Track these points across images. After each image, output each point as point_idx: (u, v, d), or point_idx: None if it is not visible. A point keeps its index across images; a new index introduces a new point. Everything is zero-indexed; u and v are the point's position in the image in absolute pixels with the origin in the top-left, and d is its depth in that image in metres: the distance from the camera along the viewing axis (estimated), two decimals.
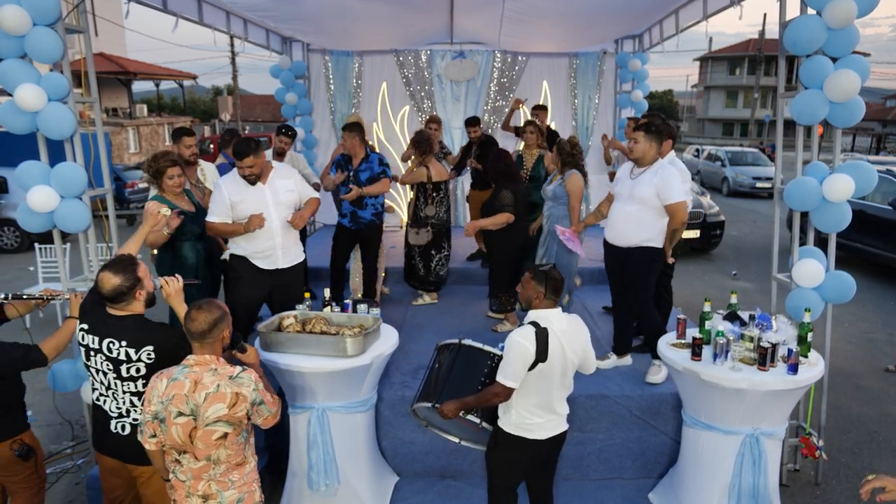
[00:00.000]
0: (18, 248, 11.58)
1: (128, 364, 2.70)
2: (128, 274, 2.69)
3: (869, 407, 5.31)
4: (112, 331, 2.70)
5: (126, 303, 2.72)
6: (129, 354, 2.69)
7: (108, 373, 2.74)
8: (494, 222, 4.92)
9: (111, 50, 29.12)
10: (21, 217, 3.83)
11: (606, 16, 6.62)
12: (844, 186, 3.57)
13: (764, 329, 3.47)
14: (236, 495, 2.57)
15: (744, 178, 18.46)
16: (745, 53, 47.04)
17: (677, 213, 3.99)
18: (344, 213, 5.42)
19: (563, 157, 5.04)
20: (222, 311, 2.58)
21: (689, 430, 3.62)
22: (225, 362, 2.57)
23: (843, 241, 9.32)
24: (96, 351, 2.73)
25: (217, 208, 4.00)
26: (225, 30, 6.50)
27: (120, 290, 2.67)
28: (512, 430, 2.92)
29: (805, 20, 3.56)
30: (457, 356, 3.23)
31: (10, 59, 3.61)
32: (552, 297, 2.87)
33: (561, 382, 2.89)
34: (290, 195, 4.15)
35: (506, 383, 2.80)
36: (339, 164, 5.40)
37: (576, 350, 2.90)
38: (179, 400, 2.43)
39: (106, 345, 2.70)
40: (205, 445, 2.46)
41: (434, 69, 8.61)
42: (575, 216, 5.05)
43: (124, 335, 2.69)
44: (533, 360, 2.75)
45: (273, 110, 37.18)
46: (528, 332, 2.78)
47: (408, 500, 3.90)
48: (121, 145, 26.19)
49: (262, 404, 2.56)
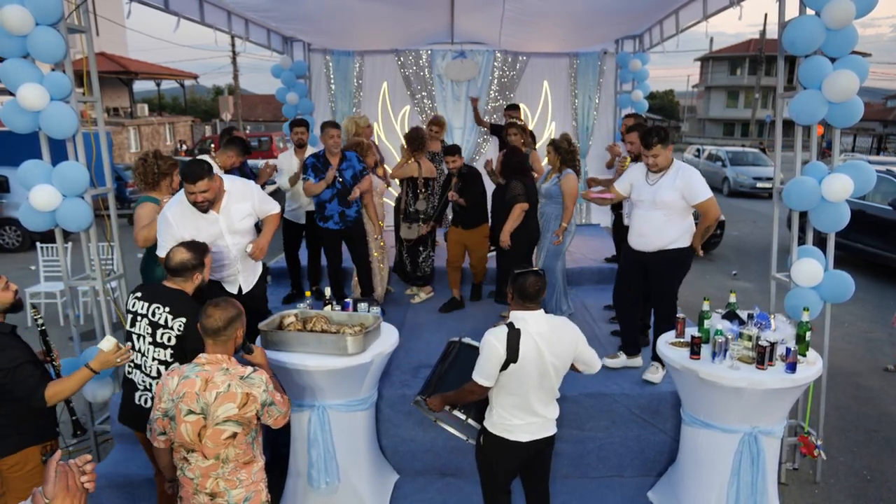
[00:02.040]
0: (20, 248, 11.60)
1: (163, 330, 3.01)
2: (197, 254, 3.07)
3: (868, 406, 5.32)
4: (161, 297, 3.04)
5: (184, 279, 3.06)
6: (167, 321, 3.00)
7: (146, 337, 3.05)
8: (515, 220, 4.99)
9: (112, 50, 29.13)
10: (23, 216, 3.85)
11: (607, 16, 6.64)
12: (843, 186, 3.58)
13: (762, 328, 3.48)
14: (243, 494, 2.58)
15: (744, 178, 18.46)
16: (745, 54, 47.01)
17: (710, 210, 3.97)
18: (329, 216, 5.19)
19: (563, 156, 5.06)
20: (238, 310, 2.60)
21: (688, 428, 3.63)
22: (236, 362, 2.58)
23: (843, 241, 9.33)
24: (142, 316, 3.05)
25: (166, 242, 3.54)
26: (226, 30, 6.51)
27: (185, 265, 3.02)
28: (493, 430, 2.95)
29: (804, 20, 3.57)
30: (457, 354, 3.28)
31: (12, 58, 3.64)
32: (520, 302, 2.85)
33: (540, 384, 2.86)
34: (247, 221, 3.80)
35: (479, 381, 2.84)
36: (315, 167, 5.11)
37: (557, 353, 2.86)
38: (190, 398, 2.44)
39: (152, 309, 3.03)
40: (214, 444, 2.47)
41: (434, 69, 8.62)
42: (567, 215, 5.08)
43: (168, 302, 3.02)
44: (503, 359, 2.76)
45: (274, 110, 37.18)
46: (501, 333, 2.80)
47: (408, 498, 3.91)
48: (122, 145, 26.20)
49: (272, 405, 2.57)
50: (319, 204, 5.21)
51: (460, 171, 5.54)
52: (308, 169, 5.14)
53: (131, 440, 3.97)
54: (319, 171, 5.11)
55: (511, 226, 5.00)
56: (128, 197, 14.35)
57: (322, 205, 5.19)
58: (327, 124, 5.18)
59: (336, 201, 5.16)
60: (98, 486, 3.74)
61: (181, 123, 33.21)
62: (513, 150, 5.30)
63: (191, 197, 3.49)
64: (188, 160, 3.72)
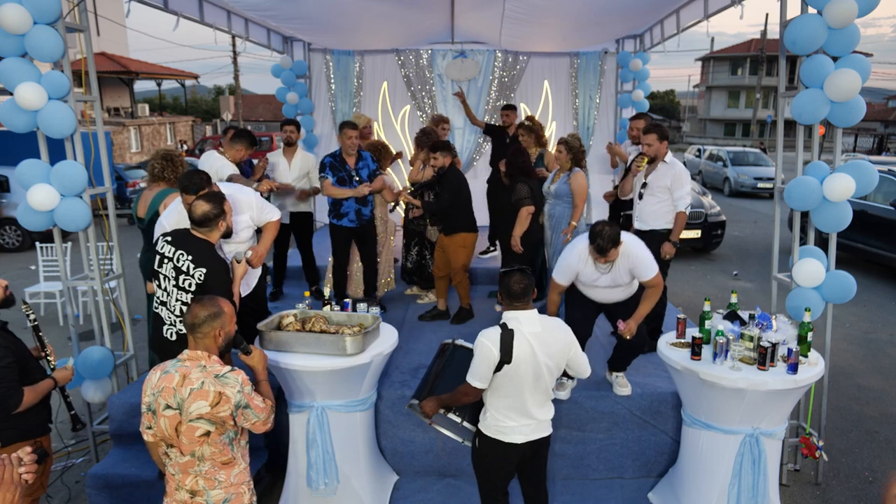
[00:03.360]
0: (20, 247, 11.60)
1: (185, 276, 3.22)
2: (216, 204, 3.24)
3: (869, 407, 5.30)
4: (186, 245, 3.24)
5: (209, 228, 3.24)
6: (189, 268, 3.20)
7: (171, 279, 3.25)
8: (523, 224, 4.97)
9: (113, 49, 29.14)
10: (21, 215, 3.84)
11: (607, 15, 6.62)
12: (845, 186, 3.57)
13: (764, 329, 3.47)
14: (223, 495, 2.55)
15: (745, 178, 18.44)
16: (747, 53, 46.98)
17: (657, 286, 3.76)
18: (344, 213, 5.27)
19: (575, 155, 5.06)
20: (219, 308, 2.57)
21: (689, 429, 3.62)
22: (217, 360, 2.55)
23: (845, 241, 9.31)
24: (168, 259, 3.25)
25: None
26: (226, 29, 6.50)
27: (208, 216, 3.20)
28: (488, 433, 2.93)
29: (805, 20, 3.55)
30: (451, 356, 3.26)
31: (10, 57, 3.63)
32: (508, 301, 2.84)
33: (535, 386, 2.84)
34: (246, 232, 3.83)
35: (473, 383, 2.83)
36: (333, 166, 5.19)
37: (550, 354, 2.84)
38: (168, 393, 2.44)
39: (177, 255, 3.22)
40: (188, 441, 2.46)
41: (435, 68, 8.61)
42: (577, 214, 5.06)
43: (192, 251, 3.22)
44: (497, 360, 2.75)
45: (274, 109, 37.21)
46: (493, 334, 2.78)
47: (407, 499, 3.90)
48: (122, 144, 26.21)
49: (247, 408, 2.50)
50: (335, 201, 5.27)
51: (440, 171, 5.16)
52: (326, 168, 5.20)
53: (129, 441, 3.96)
54: (337, 170, 5.19)
55: (520, 230, 4.97)
56: (128, 197, 14.35)
57: (338, 202, 5.25)
58: (345, 124, 5.22)
59: (353, 199, 5.23)
60: (96, 487, 3.75)
61: (182, 123, 33.23)
62: (518, 151, 5.24)
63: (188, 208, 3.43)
64: (187, 171, 3.65)
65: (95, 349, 4.18)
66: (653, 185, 4.62)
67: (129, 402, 4.04)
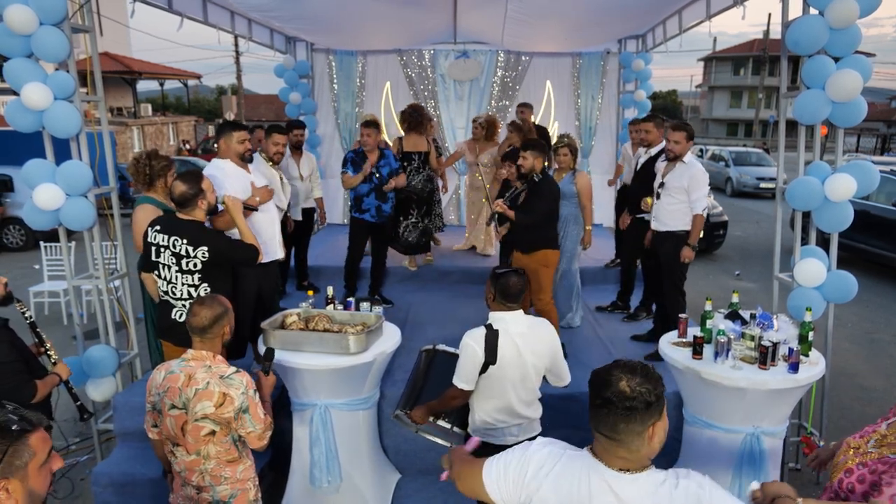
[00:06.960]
0: (24, 247, 11.64)
1: (187, 259, 3.30)
2: (192, 184, 3.29)
3: (871, 407, 5.31)
4: (177, 230, 3.30)
5: (190, 208, 3.31)
6: (188, 251, 3.28)
7: (172, 266, 3.33)
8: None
9: (116, 49, 29.17)
10: (27, 215, 3.86)
11: (609, 15, 6.63)
12: (846, 186, 3.57)
13: (765, 328, 3.47)
14: (229, 491, 2.57)
15: (748, 178, 18.44)
16: (749, 54, 46.90)
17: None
18: (366, 209, 5.54)
19: (575, 156, 5.06)
20: (224, 307, 2.59)
21: (690, 428, 3.62)
22: (222, 360, 2.56)
23: (846, 241, 9.30)
24: (164, 248, 3.31)
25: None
26: (229, 29, 6.52)
27: (185, 195, 3.26)
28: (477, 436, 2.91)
29: (807, 20, 3.56)
30: (431, 362, 3.21)
31: (16, 57, 3.65)
32: (501, 302, 2.81)
33: (522, 385, 2.83)
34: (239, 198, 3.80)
35: (460, 385, 2.80)
36: (354, 162, 5.47)
37: (536, 353, 2.82)
38: (173, 393, 2.46)
39: (172, 241, 3.29)
40: (194, 440, 2.48)
41: (437, 69, 8.62)
42: (587, 215, 5.05)
43: (185, 234, 3.28)
44: (482, 361, 2.73)
45: (277, 109, 37.18)
46: (478, 335, 2.77)
47: (410, 498, 3.91)
48: (125, 144, 26.23)
49: (246, 412, 2.49)
50: (357, 197, 5.57)
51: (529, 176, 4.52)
52: (347, 163, 5.53)
53: (134, 439, 3.98)
54: (358, 165, 5.44)
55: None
56: (131, 196, 14.38)
57: (360, 198, 5.56)
58: (365, 123, 5.52)
59: (373, 196, 5.51)
60: (101, 485, 3.77)
61: (184, 123, 33.24)
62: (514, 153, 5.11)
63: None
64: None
65: (100, 348, 4.20)
66: (670, 186, 4.59)
67: (133, 400, 4.05)
